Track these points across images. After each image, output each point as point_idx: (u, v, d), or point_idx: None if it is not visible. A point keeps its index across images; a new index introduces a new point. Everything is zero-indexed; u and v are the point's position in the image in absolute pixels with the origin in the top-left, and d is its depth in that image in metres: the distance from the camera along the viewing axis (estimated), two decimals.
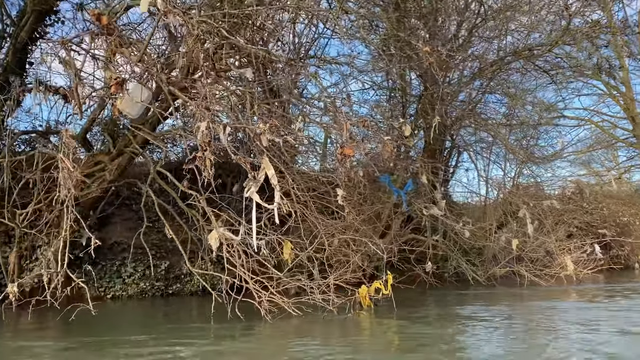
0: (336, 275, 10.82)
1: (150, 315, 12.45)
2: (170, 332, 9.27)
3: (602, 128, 30.53)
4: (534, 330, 9.19)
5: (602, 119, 30.46)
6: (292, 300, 10.14)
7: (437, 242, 17.66)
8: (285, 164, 11.24)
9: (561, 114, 26.55)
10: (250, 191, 8.37)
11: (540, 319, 10.45)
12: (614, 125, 30.42)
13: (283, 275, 10.13)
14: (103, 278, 14.13)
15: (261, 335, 9.21)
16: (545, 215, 18.88)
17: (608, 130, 30.51)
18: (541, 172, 22.37)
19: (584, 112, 29.92)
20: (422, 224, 16.87)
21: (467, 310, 12.13)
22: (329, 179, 12.20)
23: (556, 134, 24.38)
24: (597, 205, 23.28)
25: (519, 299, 14.59)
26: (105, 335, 9.16)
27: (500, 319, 10.68)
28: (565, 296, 14.73)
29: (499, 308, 12.61)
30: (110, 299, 14.01)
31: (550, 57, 16.18)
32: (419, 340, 8.25)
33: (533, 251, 17.80)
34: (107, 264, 14.30)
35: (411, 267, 16.74)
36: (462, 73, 17.61)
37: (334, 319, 9.94)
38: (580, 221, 21.66)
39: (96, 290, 13.96)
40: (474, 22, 15.37)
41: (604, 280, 18.68)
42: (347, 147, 9.05)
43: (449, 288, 16.76)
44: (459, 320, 10.51)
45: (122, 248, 14.66)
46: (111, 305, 13.51)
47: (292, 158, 11.37)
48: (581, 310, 11.93)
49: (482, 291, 15.68)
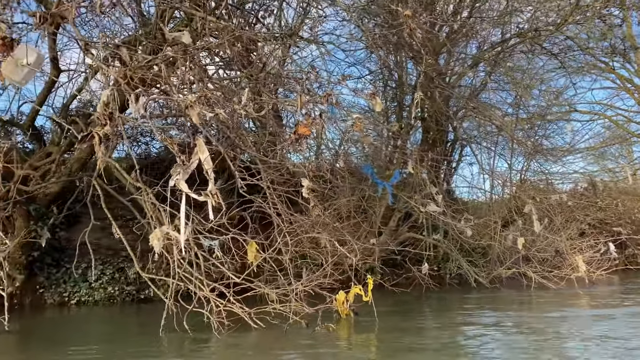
0: (307, 280, 9.11)
1: (108, 322, 10.96)
2: (115, 344, 8.03)
3: (616, 122, 28.58)
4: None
5: (616, 113, 28.58)
6: (253, 310, 8.48)
7: (437, 241, 15.92)
8: (265, 156, 9.58)
9: (573, 108, 24.64)
10: (176, 179, 6.73)
11: (554, 335, 8.65)
12: (628, 119, 28.49)
13: (241, 280, 8.41)
14: (67, 282, 12.58)
15: (209, 351, 7.60)
16: (555, 212, 17.03)
17: (622, 125, 28.64)
18: (550, 167, 20.39)
19: (597, 106, 28.07)
20: (418, 222, 15.08)
21: (467, 319, 10.38)
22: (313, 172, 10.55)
23: (564, 122, 22.17)
24: (611, 201, 21.33)
25: (526, 304, 12.84)
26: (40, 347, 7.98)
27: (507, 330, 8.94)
28: (578, 301, 12.92)
29: (505, 314, 10.87)
30: (74, 304, 12.47)
31: (559, 39, 14.33)
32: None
33: (542, 251, 15.98)
34: (72, 267, 12.71)
35: (407, 268, 15.02)
36: (462, 53, 15.80)
37: (301, 333, 8.27)
38: (593, 218, 19.73)
39: (59, 296, 12.48)
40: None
41: (619, 282, 16.79)
42: (302, 125, 7.39)
43: (450, 291, 15.01)
44: (454, 333, 8.78)
45: (91, 249, 13.10)
46: (74, 312, 12.00)
47: (271, 147, 9.63)
48: (601, 321, 10.13)
49: (486, 295, 13.92)
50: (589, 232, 18.98)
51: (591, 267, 16.05)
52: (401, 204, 15.02)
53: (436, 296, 13.90)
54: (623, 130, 28.62)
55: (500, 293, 14.26)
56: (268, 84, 8.77)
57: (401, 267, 15.64)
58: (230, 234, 8.18)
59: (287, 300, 8.55)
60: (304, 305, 8.63)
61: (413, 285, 14.57)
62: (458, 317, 10.74)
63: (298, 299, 8.79)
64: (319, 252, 9.87)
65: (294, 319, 8.38)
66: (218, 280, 8.74)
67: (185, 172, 6.70)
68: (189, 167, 6.75)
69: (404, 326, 9.25)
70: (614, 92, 28.05)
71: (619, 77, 26.12)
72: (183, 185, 6.76)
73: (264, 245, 8.92)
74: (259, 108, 8.20)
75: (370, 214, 13.82)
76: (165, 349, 7.76)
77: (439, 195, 13.28)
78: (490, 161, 18.61)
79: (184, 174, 6.69)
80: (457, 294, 14.36)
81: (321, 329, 8.17)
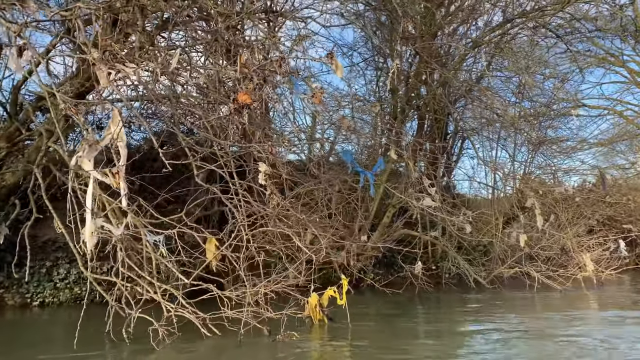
0: (275, 280, 7.80)
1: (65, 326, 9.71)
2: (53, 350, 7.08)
3: (626, 117, 27.20)
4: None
5: (626, 108, 27.17)
6: (208, 315, 7.21)
7: (434, 238, 14.58)
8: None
9: (581, 103, 23.22)
10: (78, 157, 5.47)
11: (564, 343, 7.32)
12: (638, 114, 27.12)
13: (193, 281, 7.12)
14: (30, 282, 11.41)
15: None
16: (561, 208, 15.63)
17: (633, 120, 27.22)
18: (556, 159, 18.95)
19: (606, 101, 26.66)
20: (413, 218, 13.75)
21: (458, 326, 9.04)
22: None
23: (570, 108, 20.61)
24: (621, 197, 19.87)
25: (530, 306, 11.47)
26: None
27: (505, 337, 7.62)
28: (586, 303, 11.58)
29: (503, 318, 9.54)
30: (37, 306, 11.31)
31: (565, 19, 12.91)
32: None
33: (547, 249, 14.61)
34: (36, 265, 11.57)
35: (401, 268, 13.72)
36: (462, 37, 14.42)
37: (258, 343, 6.99)
38: (602, 215, 18.34)
39: (21, 297, 11.33)
40: None
41: (629, 282, 15.35)
42: (243, 92, 6.11)
43: (447, 292, 13.68)
44: (442, 345, 7.45)
45: (57, 247, 11.95)
46: (36, 314, 10.81)
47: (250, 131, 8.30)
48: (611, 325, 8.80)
49: (485, 296, 12.57)
50: (597, 229, 17.64)
51: (600, 267, 14.72)
52: (395, 199, 13.70)
53: (430, 297, 12.57)
54: (634, 126, 27.34)
55: (501, 294, 12.92)
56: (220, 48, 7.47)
57: (395, 266, 14.36)
58: (176, 228, 6.88)
59: (248, 304, 7.25)
60: (269, 309, 7.35)
61: (405, 286, 13.22)
62: (450, 322, 9.44)
63: (263, 302, 7.51)
64: (291, 250, 8.55)
65: (256, 325, 7.11)
66: (170, 281, 7.49)
67: (92, 149, 5.45)
68: (97, 144, 5.50)
69: (383, 336, 7.93)
70: (624, 86, 26.85)
71: (629, 70, 24.82)
72: (87, 164, 5.51)
73: (224, 241, 7.61)
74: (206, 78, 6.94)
75: (354, 208, 12.43)
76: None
77: (432, 188, 11.91)
78: (491, 153, 17.27)
79: (90, 152, 5.44)
80: (453, 295, 13.02)
81: (283, 338, 6.87)
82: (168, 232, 6.83)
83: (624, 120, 26.88)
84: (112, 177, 5.37)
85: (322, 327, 8.04)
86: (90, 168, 5.49)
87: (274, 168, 7.96)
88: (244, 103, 6.04)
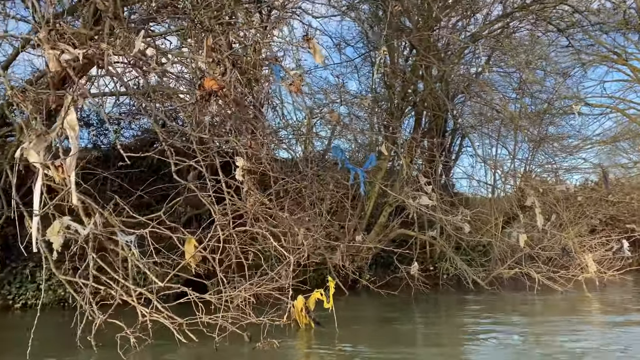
0: (257, 283, 7.29)
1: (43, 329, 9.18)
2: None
3: (629, 116, 26.68)
4: None
5: (628, 106, 26.65)
6: (185, 321, 6.71)
7: (432, 238, 14.07)
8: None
9: (584, 102, 22.68)
10: (23, 148, 4.98)
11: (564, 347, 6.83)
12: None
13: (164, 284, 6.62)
14: (13, 283, 10.96)
15: None
16: (562, 207, 15.08)
17: (636, 119, 26.69)
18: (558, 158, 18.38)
19: (608, 100, 26.13)
20: (410, 217, 13.22)
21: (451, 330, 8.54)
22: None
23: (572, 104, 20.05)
24: (623, 196, 19.31)
25: (530, 308, 10.96)
26: None
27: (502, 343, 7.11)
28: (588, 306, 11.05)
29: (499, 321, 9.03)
30: (19, 308, 10.83)
31: (567, 12, 12.38)
32: None
33: (548, 249, 14.10)
34: (19, 266, 11.11)
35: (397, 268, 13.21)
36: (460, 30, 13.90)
37: (238, 350, 6.50)
38: (604, 214, 17.78)
39: (3, 298, 10.87)
40: None
41: (633, 283, 14.80)
42: (209, 78, 5.61)
43: (444, 293, 13.19)
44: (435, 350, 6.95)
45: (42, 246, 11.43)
46: (18, 317, 10.38)
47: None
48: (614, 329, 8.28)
49: (483, 297, 12.08)
50: (600, 229, 17.09)
51: (602, 267, 14.16)
52: (391, 198, 13.19)
53: (426, 299, 12.07)
54: (637, 124, 26.83)
55: (500, 295, 12.45)
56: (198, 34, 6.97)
57: (391, 267, 13.84)
58: (150, 227, 6.40)
59: (225, 308, 6.74)
60: (250, 314, 6.85)
61: (401, 287, 12.69)
62: (445, 325, 8.94)
63: (244, 305, 7.01)
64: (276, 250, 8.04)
65: (236, 331, 6.61)
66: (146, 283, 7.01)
67: (40, 140, 4.96)
68: (44, 133, 5.00)
69: (375, 341, 7.43)
70: (627, 84, 26.35)
71: (632, 68, 24.33)
72: (33, 156, 5.02)
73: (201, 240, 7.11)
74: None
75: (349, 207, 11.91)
76: None
77: (428, 186, 11.39)
78: (491, 151, 16.74)
79: (39, 142, 4.95)
80: (451, 297, 12.54)
81: (263, 346, 6.35)
82: (140, 231, 6.34)
83: (627, 119, 26.42)
84: (55, 171, 4.87)
85: (309, 331, 7.56)
86: (36, 160, 4.99)
87: (255, 163, 7.47)
88: (210, 89, 5.55)
